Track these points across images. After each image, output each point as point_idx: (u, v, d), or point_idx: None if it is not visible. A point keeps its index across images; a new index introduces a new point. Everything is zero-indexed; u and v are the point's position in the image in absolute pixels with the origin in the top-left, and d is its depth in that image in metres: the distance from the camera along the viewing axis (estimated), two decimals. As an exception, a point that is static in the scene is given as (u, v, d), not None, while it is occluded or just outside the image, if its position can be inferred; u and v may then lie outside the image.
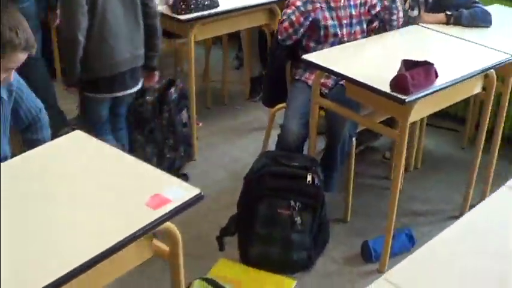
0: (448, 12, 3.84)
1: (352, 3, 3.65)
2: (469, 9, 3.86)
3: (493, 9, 4.25)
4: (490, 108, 3.52)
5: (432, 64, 2.91)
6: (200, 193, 2.05)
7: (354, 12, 3.65)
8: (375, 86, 2.90)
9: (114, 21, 3.31)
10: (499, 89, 3.58)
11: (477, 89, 3.41)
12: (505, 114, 3.68)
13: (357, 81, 2.99)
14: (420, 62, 2.92)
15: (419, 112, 3.06)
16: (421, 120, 4.02)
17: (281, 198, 3.24)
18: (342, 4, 3.63)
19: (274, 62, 3.91)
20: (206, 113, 5.04)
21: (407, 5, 4.12)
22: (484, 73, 3.31)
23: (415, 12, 4.06)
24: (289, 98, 3.66)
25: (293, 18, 3.51)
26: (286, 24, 3.53)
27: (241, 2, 4.25)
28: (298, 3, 3.50)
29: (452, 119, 4.80)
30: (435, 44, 3.57)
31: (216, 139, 4.66)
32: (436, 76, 2.94)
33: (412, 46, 3.50)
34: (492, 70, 3.34)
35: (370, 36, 3.73)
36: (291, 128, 3.47)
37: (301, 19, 3.51)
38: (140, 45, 3.50)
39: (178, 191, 2.05)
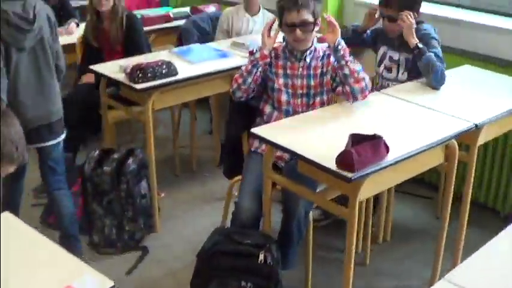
0: (420, 45, 3.75)
1: (311, 72, 3.52)
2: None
3: (463, 70, 4.15)
4: (454, 179, 3.35)
5: (381, 138, 2.76)
6: (113, 286, 1.90)
7: (312, 83, 3.52)
8: (322, 163, 2.75)
9: (26, 81, 3.32)
10: (463, 158, 3.44)
11: (437, 161, 3.25)
12: (471, 186, 3.52)
13: (303, 157, 2.84)
14: (368, 135, 2.77)
15: (372, 189, 2.91)
16: (388, 189, 3.84)
17: (232, 278, 3.08)
18: (299, 73, 3.51)
19: (231, 130, 3.78)
20: (174, 180, 4.92)
21: (381, 68, 4.01)
22: (445, 143, 3.15)
23: (392, 75, 3.94)
24: (244, 171, 3.51)
25: (243, 68, 3.45)
26: (236, 75, 3.48)
27: (202, 69, 4.15)
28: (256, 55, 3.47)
29: (427, 186, 4.64)
30: (394, 112, 3.44)
31: (181, 209, 4.51)
32: (387, 150, 2.78)
33: (369, 116, 3.35)
34: (453, 140, 3.18)
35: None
36: (244, 205, 3.33)
37: (250, 67, 3.43)
38: (56, 101, 3.51)
39: (89, 284, 1.93)
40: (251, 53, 4.29)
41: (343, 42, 3.39)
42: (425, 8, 4.47)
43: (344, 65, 3.38)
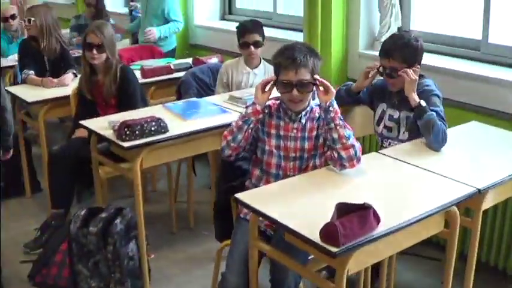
0: (423, 103, 3.53)
1: (306, 134, 3.29)
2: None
3: (469, 127, 3.94)
4: (455, 246, 3.12)
5: (370, 208, 2.55)
6: None
7: (306, 146, 3.29)
8: (307, 236, 2.54)
9: None
10: (466, 224, 3.23)
11: (437, 229, 3.02)
12: (475, 251, 3.29)
13: (287, 227, 2.63)
14: (357, 205, 2.56)
15: (362, 261, 2.69)
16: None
17: None
18: (292, 135, 3.30)
19: (221, 191, 3.58)
20: (169, 238, 4.74)
21: (381, 127, 3.82)
22: (445, 210, 2.93)
23: (392, 134, 3.75)
24: (232, 238, 3.29)
25: (233, 124, 3.24)
26: (226, 132, 3.25)
27: (194, 126, 3.99)
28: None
29: (435, 246, 4.38)
30: (391, 175, 3.23)
31: (174, 271, 4.31)
32: (378, 221, 2.57)
33: (363, 180, 3.15)
34: (454, 207, 2.96)
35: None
36: (229, 278, 3.12)
37: (240, 122, 3.20)
38: None
39: None
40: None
41: (335, 104, 3.18)
42: (429, 59, 4.29)
43: (333, 128, 3.16)
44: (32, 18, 5.35)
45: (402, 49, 3.59)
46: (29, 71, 5.34)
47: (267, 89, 3.22)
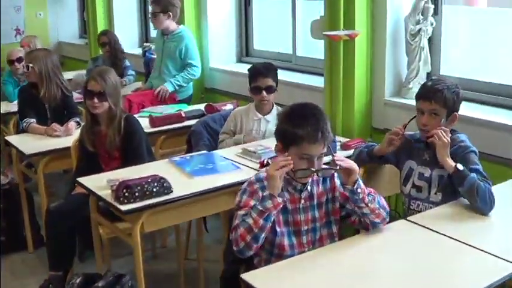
0: (460, 167, 3.16)
1: (315, 202, 2.94)
2: None
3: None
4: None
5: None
6: None
7: (317, 215, 2.94)
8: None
9: None
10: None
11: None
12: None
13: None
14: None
15: None
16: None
17: None
18: (301, 206, 2.92)
19: (228, 263, 3.21)
20: (176, 304, 4.32)
21: (408, 186, 3.43)
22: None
23: (422, 195, 3.38)
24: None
25: (250, 221, 2.72)
26: (241, 230, 2.73)
27: (201, 185, 3.62)
28: (253, 202, 2.82)
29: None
30: (420, 249, 2.81)
31: None
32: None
33: (386, 256, 2.76)
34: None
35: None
36: None
37: (261, 222, 2.71)
38: None
39: None
40: (262, 165, 3.77)
41: (361, 183, 2.84)
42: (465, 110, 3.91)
43: (364, 207, 2.84)
44: (30, 65, 5.11)
45: (444, 91, 3.28)
46: (30, 119, 5.06)
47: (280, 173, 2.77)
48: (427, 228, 2.99)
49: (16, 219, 5.10)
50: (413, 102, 4.17)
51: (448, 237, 2.88)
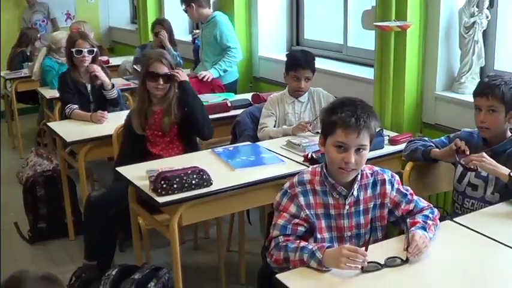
0: None
1: (361, 208, 2.78)
2: None
3: None
4: None
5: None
6: None
7: (362, 221, 2.78)
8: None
9: None
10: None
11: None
12: None
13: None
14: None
15: None
16: None
17: None
18: (345, 212, 2.76)
19: (265, 268, 3.07)
20: (216, 298, 4.25)
21: (463, 184, 3.29)
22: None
23: (478, 194, 3.29)
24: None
25: (291, 256, 2.58)
26: (279, 256, 2.64)
27: (242, 179, 3.53)
28: (293, 207, 2.72)
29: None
30: (464, 254, 2.66)
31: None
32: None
33: (432, 264, 2.59)
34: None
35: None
36: None
37: (298, 263, 2.57)
38: None
39: None
40: (306, 158, 3.68)
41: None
42: None
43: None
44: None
45: (501, 87, 3.16)
46: (73, 105, 5.05)
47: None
48: (474, 230, 2.84)
49: (58, 206, 5.09)
50: (465, 97, 4.10)
51: (500, 243, 2.72)
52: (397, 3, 4.43)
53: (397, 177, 2.86)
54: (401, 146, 3.86)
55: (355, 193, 2.74)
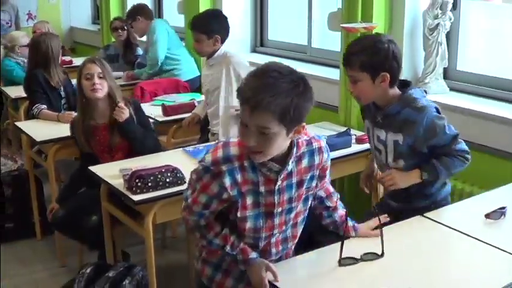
0: (425, 176, 3.04)
1: (294, 180, 2.48)
2: (448, 155, 3.05)
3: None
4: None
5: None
6: None
7: (295, 194, 2.51)
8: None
9: None
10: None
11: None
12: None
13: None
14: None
15: None
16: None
17: None
18: (277, 187, 2.44)
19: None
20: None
21: (373, 148, 3.31)
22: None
23: (382, 158, 3.21)
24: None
25: (215, 240, 2.51)
26: (202, 242, 2.59)
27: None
28: (214, 188, 2.40)
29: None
30: (436, 249, 2.75)
31: None
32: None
33: (404, 254, 2.68)
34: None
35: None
36: None
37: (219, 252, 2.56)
38: None
39: None
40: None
41: None
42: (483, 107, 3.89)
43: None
44: None
45: (359, 55, 2.93)
46: (41, 105, 5.02)
47: None
48: (444, 225, 2.93)
49: (25, 205, 5.08)
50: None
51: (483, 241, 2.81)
52: (363, 5, 4.51)
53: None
54: (368, 145, 3.94)
55: (289, 168, 2.43)
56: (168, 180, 3.36)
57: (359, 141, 4.18)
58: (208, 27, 4.43)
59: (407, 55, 4.58)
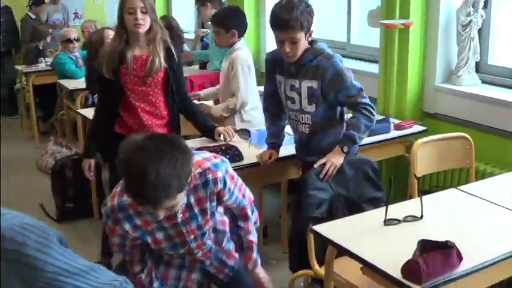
0: (346, 149, 3.46)
1: (196, 210, 2.65)
2: (355, 109, 3.51)
3: None
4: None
5: (452, 247, 2.47)
6: None
7: (202, 221, 2.70)
8: (388, 272, 2.48)
9: None
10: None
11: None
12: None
13: (370, 264, 2.59)
14: (439, 242, 2.49)
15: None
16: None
17: None
18: (179, 220, 2.63)
19: (297, 222, 3.52)
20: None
21: (284, 99, 3.69)
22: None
23: (296, 106, 3.63)
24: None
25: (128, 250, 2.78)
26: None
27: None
28: (120, 230, 2.62)
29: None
30: (471, 214, 3.13)
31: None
32: (460, 259, 2.49)
33: (442, 217, 3.05)
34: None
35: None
36: None
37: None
38: None
39: None
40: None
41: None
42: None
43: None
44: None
45: (298, 16, 3.32)
46: None
47: None
48: (475, 196, 3.28)
49: (84, 188, 5.43)
50: (462, 88, 4.59)
51: (492, 203, 3.17)
52: (401, 3, 4.83)
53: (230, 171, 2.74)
54: (405, 131, 4.36)
55: (185, 201, 2.56)
56: (227, 156, 3.58)
57: (397, 127, 4.52)
58: (227, 22, 4.74)
59: (442, 50, 4.89)
